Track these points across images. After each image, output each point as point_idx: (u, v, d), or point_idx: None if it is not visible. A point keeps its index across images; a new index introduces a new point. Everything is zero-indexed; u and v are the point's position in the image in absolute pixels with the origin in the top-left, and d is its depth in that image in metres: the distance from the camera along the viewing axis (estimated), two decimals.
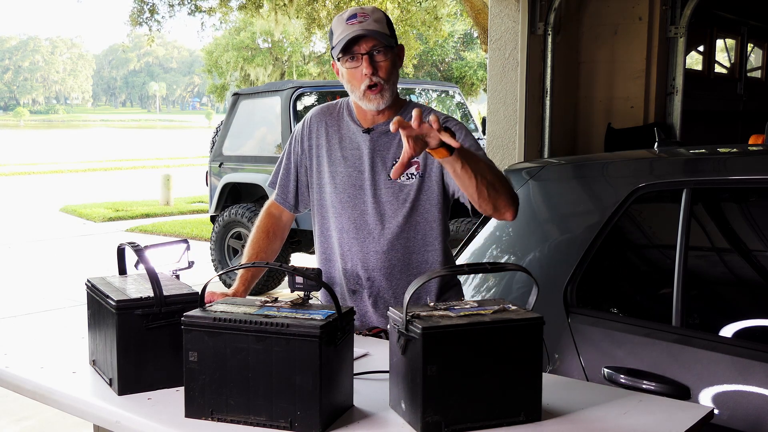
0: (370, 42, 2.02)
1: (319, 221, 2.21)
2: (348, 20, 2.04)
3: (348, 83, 2.09)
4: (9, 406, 4.28)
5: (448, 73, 27.29)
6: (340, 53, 2.04)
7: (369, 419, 1.51)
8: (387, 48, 2.05)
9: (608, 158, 2.98)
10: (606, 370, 2.10)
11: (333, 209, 2.15)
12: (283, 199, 2.27)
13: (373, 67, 2.03)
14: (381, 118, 2.13)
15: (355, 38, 2.01)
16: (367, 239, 2.11)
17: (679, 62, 5.56)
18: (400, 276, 2.11)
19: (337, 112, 2.22)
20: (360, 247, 2.11)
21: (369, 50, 2.02)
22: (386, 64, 2.05)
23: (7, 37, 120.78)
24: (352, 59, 2.04)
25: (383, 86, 2.04)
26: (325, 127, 2.20)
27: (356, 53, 2.03)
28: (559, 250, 2.47)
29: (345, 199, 2.13)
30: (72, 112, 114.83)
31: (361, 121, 2.15)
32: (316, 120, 2.23)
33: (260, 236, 2.26)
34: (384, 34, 2.04)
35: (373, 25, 2.03)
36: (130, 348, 1.65)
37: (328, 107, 2.25)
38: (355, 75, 2.05)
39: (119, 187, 18.50)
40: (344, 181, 2.13)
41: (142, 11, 13.23)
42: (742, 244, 2.34)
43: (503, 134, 5.34)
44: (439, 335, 1.43)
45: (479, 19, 10.21)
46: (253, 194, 7.63)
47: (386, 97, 2.06)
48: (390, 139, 2.10)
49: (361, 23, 2.03)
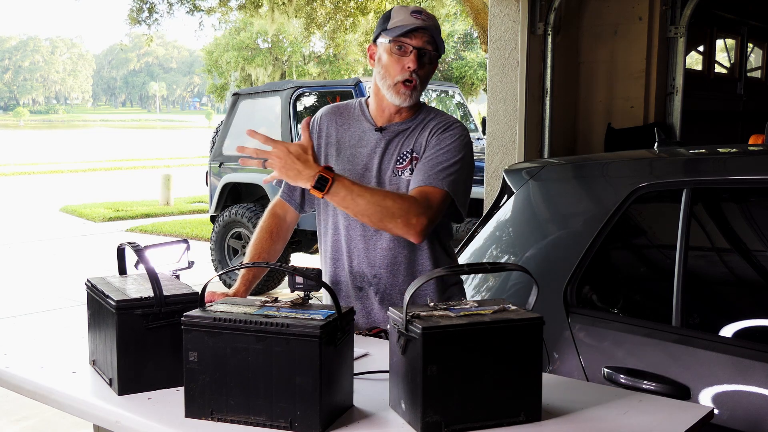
0: (426, 40, 2.06)
1: (324, 219, 2.21)
2: (413, 13, 2.07)
3: (384, 69, 2.09)
4: (9, 406, 4.28)
5: (448, 73, 27.29)
6: (393, 38, 2.05)
7: (369, 419, 1.51)
8: (435, 54, 2.09)
9: (608, 158, 2.98)
10: (606, 370, 2.10)
11: None
12: (290, 197, 2.27)
13: (419, 63, 2.05)
14: (397, 118, 2.14)
15: (415, 29, 2.04)
16: (373, 236, 2.11)
17: (679, 62, 5.55)
18: (406, 273, 2.12)
19: (349, 111, 2.22)
20: (365, 244, 2.12)
21: (422, 46, 2.05)
22: (429, 68, 2.10)
23: (7, 37, 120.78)
24: (400, 49, 2.06)
25: (417, 86, 2.07)
26: (335, 126, 2.21)
27: (408, 44, 2.05)
28: (559, 250, 2.47)
29: None
30: (72, 112, 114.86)
31: (376, 119, 2.16)
32: (326, 119, 2.23)
33: (263, 236, 2.26)
34: (439, 41, 2.08)
35: (434, 29, 2.08)
36: (130, 348, 1.65)
37: (339, 107, 2.26)
38: (397, 64, 2.06)
39: (119, 187, 18.50)
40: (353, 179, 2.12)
41: (141, 10, 13.22)
42: (742, 244, 2.34)
43: (503, 134, 5.34)
44: (439, 335, 1.43)
45: (479, 19, 10.20)
46: (253, 194, 7.63)
47: (414, 97, 2.09)
48: (400, 139, 2.12)
49: (424, 21, 2.06)
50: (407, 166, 2.10)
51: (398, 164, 2.11)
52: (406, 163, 2.10)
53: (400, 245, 2.10)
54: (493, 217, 2.77)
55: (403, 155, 2.11)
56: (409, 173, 2.09)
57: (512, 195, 2.72)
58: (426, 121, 2.14)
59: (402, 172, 2.10)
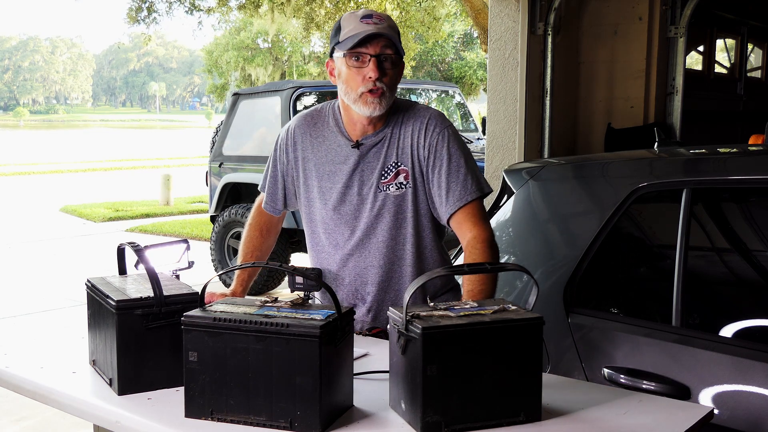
0: (382, 45, 1.94)
1: (311, 236, 2.16)
2: (363, 18, 1.95)
3: (345, 84, 1.99)
4: (9, 406, 4.28)
5: (448, 73, 27.30)
6: (346, 50, 1.95)
7: (369, 419, 1.51)
8: (397, 57, 1.99)
9: (608, 158, 2.98)
10: (606, 370, 2.10)
11: (324, 225, 2.11)
12: (273, 207, 2.24)
13: (380, 71, 1.95)
14: (370, 129, 2.05)
15: (369, 36, 1.92)
16: (362, 254, 2.07)
17: (679, 62, 5.56)
18: (398, 288, 2.08)
19: (322, 121, 2.13)
20: (355, 262, 2.08)
21: (379, 53, 1.94)
22: (394, 71, 1.99)
23: (7, 37, 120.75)
24: (357, 59, 1.95)
25: (384, 92, 1.96)
26: (310, 140, 2.12)
27: (364, 54, 1.94)
28: (559, 250, 2.47)
29: (336, 217, 2.08)
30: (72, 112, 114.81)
31: (350, 132, 2.07)
32: (300, 131, 2.14)
33: (254, 233, 2.24)
34: (397, 43, 1.97)
35: (389, 31, 1.96)
36: (130, 348, 1.65)
37: (311, 115, 2.15)
38: (357, 76, 1.96)
39: (119, 187, 18.49)
40: (334, 198, 2.07)
41: (140, 9, 13.22)
42: (742, 244, 2.34)
43: (503, 134, 5.34)
44: (439, 335, 1.43)
45: (479, 19, 10.21)
46: (253, 194, 7.60)
47: (384, 105, 1.98)
48: (378, 150, 2.05)
49: (376, 24, 1.94)
50: (392, 180, 2.03)
51: (383, 179, 2.04)
52: (391, 178, 2.03)
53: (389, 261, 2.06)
54: (493, 217, 2.76)
55: (387, 169, 2.04)
56: (395, 188, 2.03)
57: (512, 195, 2.71)
58: (401, 125, 2.05)
59: (387, 187, 2.03)
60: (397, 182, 2.03)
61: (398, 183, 2.04)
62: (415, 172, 2.04)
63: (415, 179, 2.04)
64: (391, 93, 2.00)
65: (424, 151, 2.03)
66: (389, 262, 2.07)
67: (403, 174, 2.04)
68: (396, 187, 2.04)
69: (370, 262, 2.07)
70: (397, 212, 2.05)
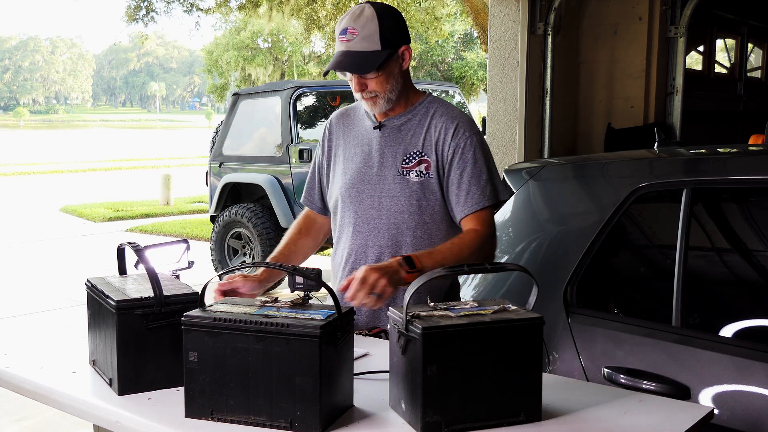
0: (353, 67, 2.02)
1: (333, 218, 2.24)
2: (340, 35, 2.02)
3: None
4: (9, 406, 4.28)
5: (448, 73, 27.31)
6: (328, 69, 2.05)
7: (369, 419, 1.52)
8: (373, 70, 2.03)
9: (608, 158, 2.98)
10: (606, 370, 2.09)
11: (342, 204, 2.16)
12: (310, 202, 2.32)
13: (359, 85, 2.04)
14: (392, 113, 2.13)
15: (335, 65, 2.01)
16: (377, 236, 2.10)
17: (679, 62, 5.56)
18: None
19: (355, 111, 2.24)
20: (368, 242, 2.11)
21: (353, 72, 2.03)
22: (377, 80, 2.03)
23: (7, 37, 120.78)
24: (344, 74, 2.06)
25: (375, 97, 2.06)
26: (343, 128, 2.23)
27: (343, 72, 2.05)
28: (559, 250, 2.47)
29: (354, 194, 2.13)
30: (72, 112, 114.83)
31: (377, 115, 2.16)
32: (336, 121, 2.26)
33: (292, 231, 2.32)
34: (368, 55, 1.99)
35: (359, 45, 1.99)
36: (130, 348, 1.65)
37: (348, 108, 2.28)
38: (352, 86, 2.07)
39: (119, 187, 18.50)
40: (353, 177, 2.13)
41: (139, 8, 13.22)
42: (742, 244, 2.34)
43: (503, 134, 5.34)
44: (439, 335, 1.43)
45: (479, 19, 10.21)
46: (253, 194, 7.62)
47: (381, 105, 2.07)
48: (402, 134, 2.11)
49: (349, 41, 2.00)
50: (415, 167, 2.08)
51: (404, 164, 2.09)
52: (414, 164, 2.08)
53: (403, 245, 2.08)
54: None
55: (410, 155, 2.09)
56: (416, 175, 2.07)
57: (512, 195, 2.71)
58: (431, 117, 2.11)
59: (408, 173, 2.08)
60: (418, 170, 2.08)
61: (419, 171, 2.08)
62: (438, 166, 2.08)
63: (438, 172, 2.08)
64: (385, 92, 2.06)
65: (449, 150, 2.08)
66: (402, 244, 2.09)
67: (425, 164, 2.08)
68: (416, 174, 2.08)
69: (384, 243, 2.09)
70: (413, 197, 2.08)
